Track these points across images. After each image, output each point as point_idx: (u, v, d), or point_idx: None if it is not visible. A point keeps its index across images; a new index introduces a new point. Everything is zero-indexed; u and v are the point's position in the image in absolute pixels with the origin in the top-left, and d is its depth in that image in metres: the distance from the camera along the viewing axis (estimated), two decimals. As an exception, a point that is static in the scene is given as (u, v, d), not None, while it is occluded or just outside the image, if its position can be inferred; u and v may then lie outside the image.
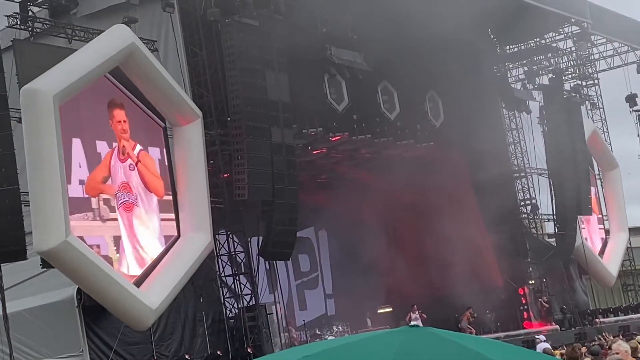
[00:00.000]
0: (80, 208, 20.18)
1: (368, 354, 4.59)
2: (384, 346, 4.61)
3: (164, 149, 22.97)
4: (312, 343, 5.08)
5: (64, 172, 18.96)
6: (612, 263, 37.19)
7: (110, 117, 21.56)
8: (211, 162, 24.03)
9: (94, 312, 20.40)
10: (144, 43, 22.08)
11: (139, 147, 22.14)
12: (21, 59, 19.88)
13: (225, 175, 24.71)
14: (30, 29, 22.01)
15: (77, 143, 20.57)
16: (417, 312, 30.29)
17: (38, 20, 22.53)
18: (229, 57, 24.11)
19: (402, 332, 4.72)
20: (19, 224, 19.05)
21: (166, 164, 22.90)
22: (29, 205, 18.93)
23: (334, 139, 29.94)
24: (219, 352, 22.55)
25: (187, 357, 21.88)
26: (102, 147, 21.21)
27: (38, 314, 20.96)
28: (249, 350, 22.84)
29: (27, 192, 19.10)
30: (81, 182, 20.47)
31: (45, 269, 20.19)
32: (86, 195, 20.47)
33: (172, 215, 22.58)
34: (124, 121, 21.78)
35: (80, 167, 20.55)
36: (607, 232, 38.94)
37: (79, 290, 20.09)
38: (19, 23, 21.88)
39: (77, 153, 20.55)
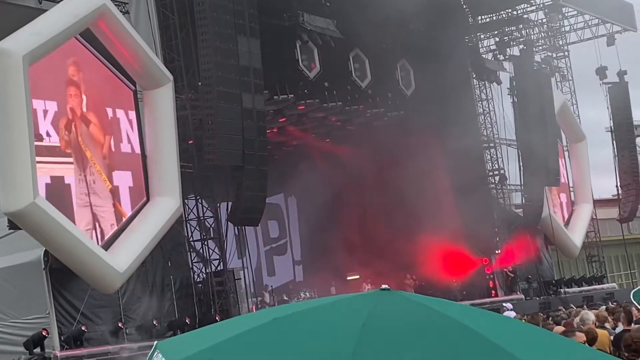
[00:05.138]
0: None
1: (339, 317, 4.57)
2: (356, 309, 4.59)
3: (134, 112, 22.79)
4: (282, 305, 5.07)
5: (32, 133, 18.79)
6: (576, 234, 37.56)
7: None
8: (181, 126, 23.92)
9: (61, 274, 20.29)
10: (115, 5, 21.87)
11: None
12: (-10, 18, 19.63)
13: (190, 142, 24.59)
14: (-1, -12, 21.69)
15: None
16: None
17: (7, -20, 22.20)
18: (201, 21, 23.90)
19: (374, 296, 4.72)
20: (-14, 185, 18.87)
21: (136, 127, 22.75)
22: (-4, 167, 18.78)
23: (300, 107, 29.86)
24: (187, 320, 22.47)
25: (154, 322, 21.81)
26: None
27: (4, 276, 20.83)
28: (217, 319, 22.81)
29: (-5, 153, 18.93)
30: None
31: (12, 231, 20.04)
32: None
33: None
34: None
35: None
36: (572, 203, 39.26)
37: (46, 252, 19.97)
38: (-13, -18, 21.56)
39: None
